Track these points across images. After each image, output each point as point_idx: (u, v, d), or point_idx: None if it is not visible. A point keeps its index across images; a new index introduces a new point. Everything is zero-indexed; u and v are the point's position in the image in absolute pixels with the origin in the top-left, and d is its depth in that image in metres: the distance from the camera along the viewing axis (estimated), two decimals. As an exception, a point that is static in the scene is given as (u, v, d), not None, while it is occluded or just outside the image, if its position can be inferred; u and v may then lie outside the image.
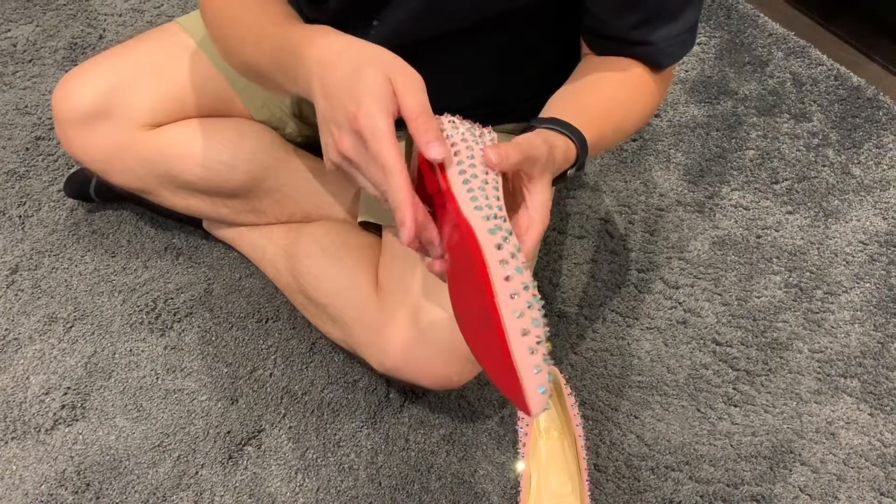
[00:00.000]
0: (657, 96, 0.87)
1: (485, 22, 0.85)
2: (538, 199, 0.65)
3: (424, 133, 0.61)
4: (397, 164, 0.59)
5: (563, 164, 0.71)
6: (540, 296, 0.59)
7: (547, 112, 0.78)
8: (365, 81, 0.61)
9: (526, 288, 0.58)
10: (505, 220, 0.61)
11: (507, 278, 0.57)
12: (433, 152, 0.61)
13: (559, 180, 0.75)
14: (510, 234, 0.60)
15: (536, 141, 0.65)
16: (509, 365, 0.57)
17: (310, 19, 0.95)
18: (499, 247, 0.58)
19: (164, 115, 1.02)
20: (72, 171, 1.26)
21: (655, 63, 0.84)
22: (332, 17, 0.90)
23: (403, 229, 0.59)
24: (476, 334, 0.62)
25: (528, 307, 0.57)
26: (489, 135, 0.69)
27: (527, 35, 0.91)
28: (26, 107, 1.35)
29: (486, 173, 0.63)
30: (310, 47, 0.67)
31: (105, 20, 1.48)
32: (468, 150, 0.64)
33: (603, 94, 0.82)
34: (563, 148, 0.71)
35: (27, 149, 1.30)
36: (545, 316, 0.58)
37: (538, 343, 0.57)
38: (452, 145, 0.65)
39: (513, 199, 0.67)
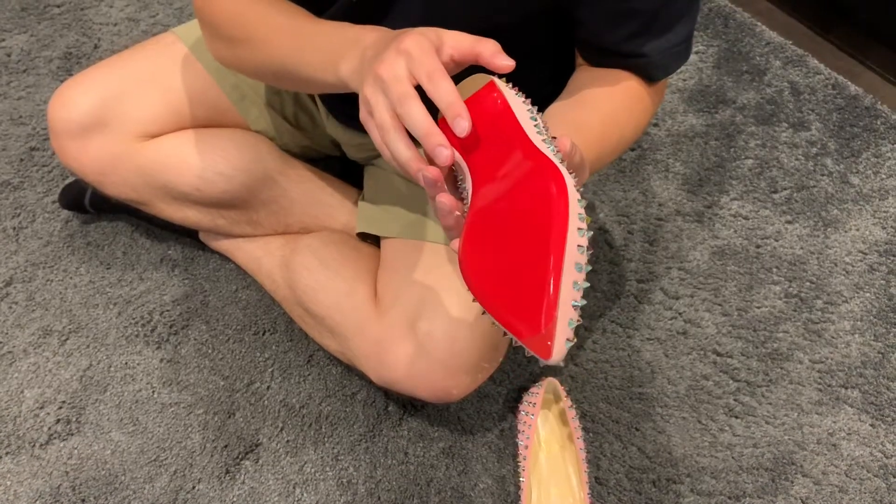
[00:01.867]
0: (651, 109, 0.87)
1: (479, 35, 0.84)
2: None
3: (484, 45, 0.60)
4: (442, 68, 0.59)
5: None
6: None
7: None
8: (408, 30, 0.61)
9: (581, 249, 0.57)
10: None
11: (578, 227, 0.57)
12: (501, 60, 0.60)
13: None
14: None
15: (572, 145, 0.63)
16: (548, 309, 0.56)
17: None
18: (574, 187, 0.58)
19: (159, 126, 1.02)
20: (67, 182, 1.26)
21: (649, 75, 0.84)
22: None
23: (461, 121, 0.58)
24: (507, 280, 0.60)
25: (581, 266, 0.57)
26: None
27: (520, 48, 0.90)
28: (21, 117, 1.34)
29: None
30: (371, 33, 0.67)
31: (100, 30, 1.47)
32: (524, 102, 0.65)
33: (601, 114, 0.81)
34: None
35: (21, 160, 1.29)
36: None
37: (580, 297, 0.57)
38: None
39: None
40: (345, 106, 1.00)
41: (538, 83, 0.97)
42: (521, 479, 1.02)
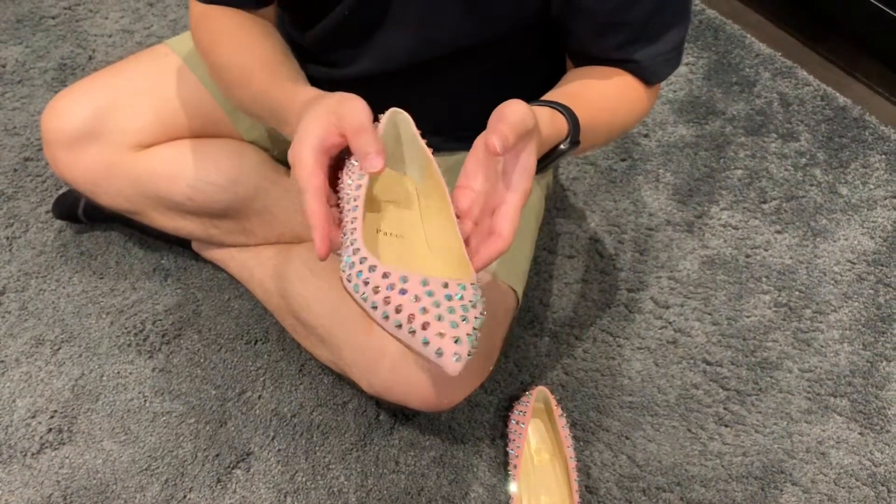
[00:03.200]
0: (645, 103, 0.87)
1: (470, 48, 0.86)
2: (521, 165, 0.65)
3: (359, 148, 0.63)
4: (309, 184, 0.62)
5: (552, 135, 0.71)
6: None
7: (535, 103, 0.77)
8: (304, 125, 0.65)
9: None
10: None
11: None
12: (369, 166, 0.62)
13: (553, 158, 0.74)
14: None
15: (523, 111, 0.64)
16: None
17: (294, 42, 0.95)
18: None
19: (153, 136, 1.02)
20: (60, 192, 1.26)
21: (641, 79, 0.85)
22: (318, 39, 0.91)
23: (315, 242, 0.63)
24: None
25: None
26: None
27: (511, 58, 0.91)
28: (15, 128, 1.35)
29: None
30: (295, 117, 0.70)
31: (95, 41, 1.48)
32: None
33: (593, 89, 0.82)
34: (548, 119, 0.71)
35: (15, 170, 1.30)
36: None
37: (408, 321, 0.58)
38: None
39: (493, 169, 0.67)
40: None
41: (530, 92, 0.98)
42: (511, 487, 1.02)
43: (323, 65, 0.94)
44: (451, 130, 1.01)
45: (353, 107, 0.64)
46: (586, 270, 1.25)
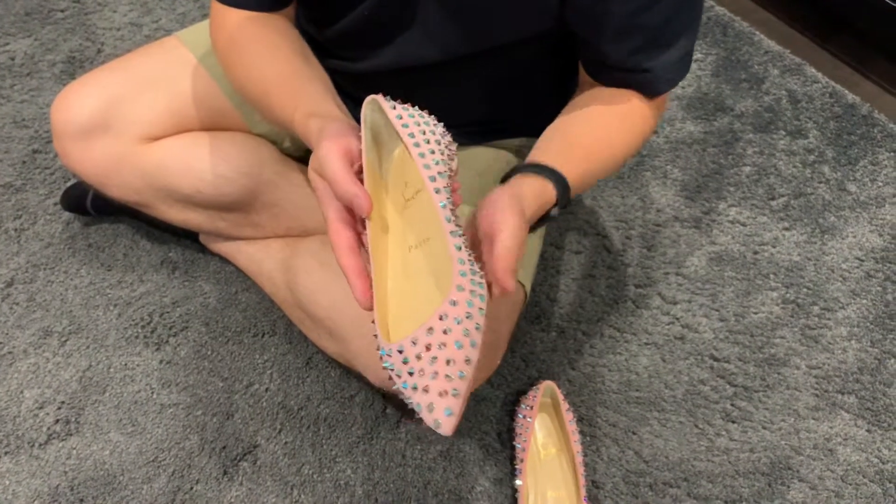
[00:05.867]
0: (648, 128, 0.88)
1: (487, 51, 0.86)
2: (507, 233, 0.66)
3: (341, 198, 0.65)
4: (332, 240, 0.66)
5: (541, 207, 0.73)
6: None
7: (534, 153, 0.79)
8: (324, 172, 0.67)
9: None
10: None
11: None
12: (357, 211, 0.64)
13: (544, 221, 0.77)
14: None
15: (514, 233, 0.66)
16: None
17: (312, 38, 0.95)
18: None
19: (162, 129, 1.02)
20: (68, 184, 1.26)
21: (652, 89, 0.85)
22: (336, 37, 0.91)
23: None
24: None
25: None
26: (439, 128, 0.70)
27: (524, 61, 0.91)
28: (24, 120, 1.35)
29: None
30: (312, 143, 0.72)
31: (103, 34, 1.48)
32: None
33: (592, 132, 0.83)
34: (537, 193, 0.73)
35: (24, 162, 1.30)
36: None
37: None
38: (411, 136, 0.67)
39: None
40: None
41: (542, 97, 0.98)
42: (518, 482, 1.02)
43: (339, 59, 0.94)
44: (461, 125, 1.01)
45: (324, 158, 0.65)
46: (594, 266, 1.25)
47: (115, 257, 1.21)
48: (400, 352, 0.61)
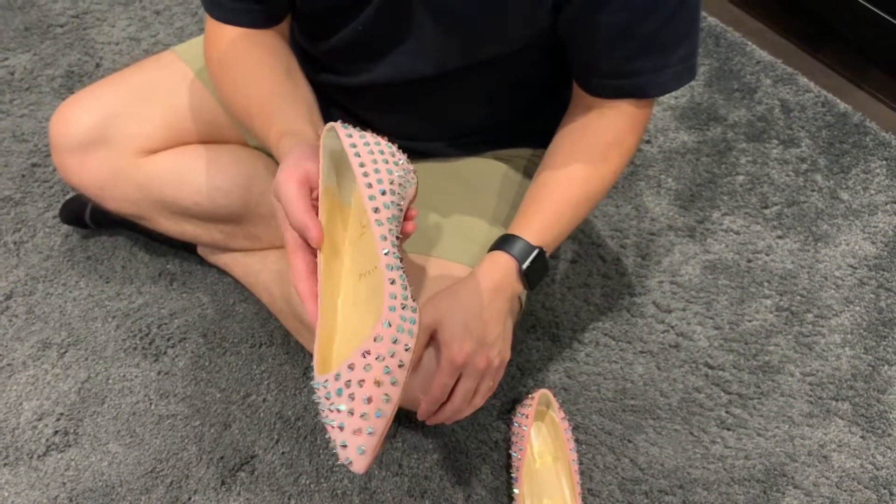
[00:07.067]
0: (629, 154, 0.91)
1: (480, 63, 0.87)
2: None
3: (295, 228, 0.68)
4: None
5: (506, 289, 0.84)
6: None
7: (514, 223, 0.88)
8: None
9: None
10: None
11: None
12: (310, 241, 0.67)
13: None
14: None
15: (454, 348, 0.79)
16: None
17: (307, 53, 0.96)
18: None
19: (158, 142, 1.03)
20: (67, 197, 1.27)
21: (644, 93, 0.86)
22: (331, 52, 0.92)
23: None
24: None
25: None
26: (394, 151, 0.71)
27: (517, 71, 0.92)
28: (23, 134, 1.36)
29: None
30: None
31: (102, 49, 1.50)
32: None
33: (565, 194, 0.88)
34: (496, 282, 0.83)
35: (23, 175, 1.31)
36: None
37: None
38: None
39: None
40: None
41: (537, 107, 1.00)
42: (514, 490, 1.02)
43: (334, 73, 0.95)
44: (456, 137, 1.02)
45: (281, 185, 0.68)
46: (589, 275, 1.25)
47: (113, 269, 1.22)
48: (325, 386, 0.60)
